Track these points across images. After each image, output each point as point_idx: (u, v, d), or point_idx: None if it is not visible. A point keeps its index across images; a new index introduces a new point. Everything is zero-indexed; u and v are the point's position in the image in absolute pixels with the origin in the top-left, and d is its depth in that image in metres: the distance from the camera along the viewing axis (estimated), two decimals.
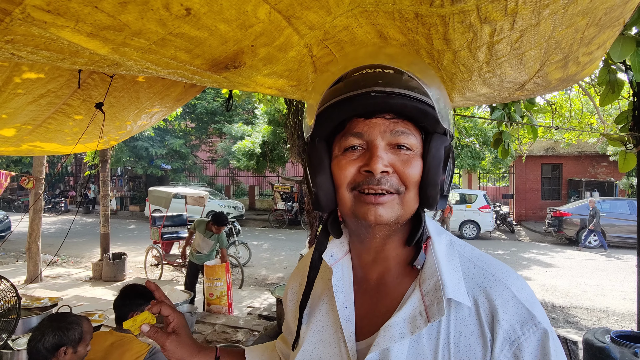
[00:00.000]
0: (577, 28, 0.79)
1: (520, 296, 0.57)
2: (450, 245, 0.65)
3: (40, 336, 1.53)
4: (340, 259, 0.70)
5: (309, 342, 0.68)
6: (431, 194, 0.60)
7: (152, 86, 3.15)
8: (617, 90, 2.48)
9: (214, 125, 19.04)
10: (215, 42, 0.90)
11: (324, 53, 0.98)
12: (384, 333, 0.58)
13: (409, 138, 0.60)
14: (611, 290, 6.90)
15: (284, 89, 1.30)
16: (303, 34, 0.89)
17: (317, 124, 0.64)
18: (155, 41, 0.87)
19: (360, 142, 0.61)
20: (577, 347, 2.90)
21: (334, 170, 0.63)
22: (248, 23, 0.84)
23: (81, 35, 0.81)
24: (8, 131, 3.42)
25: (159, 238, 7.21)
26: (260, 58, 1.00)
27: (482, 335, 0.56)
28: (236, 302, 5.40)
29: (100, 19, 0.76)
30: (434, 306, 0.57)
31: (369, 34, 0.88)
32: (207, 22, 0.82)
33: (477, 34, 0.81)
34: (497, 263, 0.63)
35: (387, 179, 0.59)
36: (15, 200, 19.37)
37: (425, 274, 0.61)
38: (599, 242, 10.82)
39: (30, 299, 3.34)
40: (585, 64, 1.03)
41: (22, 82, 2.59)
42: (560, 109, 7.47)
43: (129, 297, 2.03)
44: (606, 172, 15.75)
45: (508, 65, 0.96)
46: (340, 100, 0.59)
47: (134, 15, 0.76)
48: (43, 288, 5.92)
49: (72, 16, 0.74)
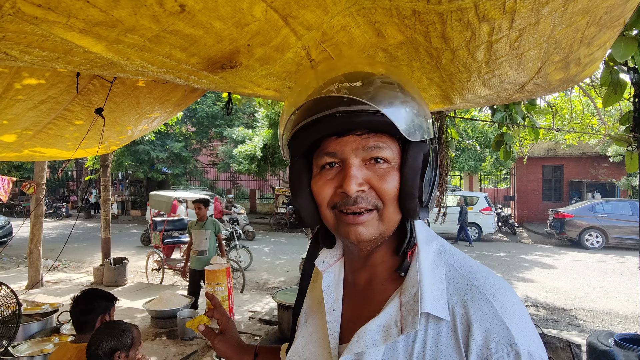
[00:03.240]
0: (578, 27, 0.79)
1: (501, 312, 0.54)
2: (438, 254, 0.63)
3: (99, 342, 1.69)
4: (332, 264, 0.72)
5: (300, 340, 0.71)
6: (409, 206, 0.60)
7: (152, 91, 3.16)
8: (619, 91, 2.47)
9: (214, 129, 19.08)
10: (211, 41, 0.90)
11: (323, 57, 0.97)
12: (358, 338, 0.58)
13: (383, 151, 0.60)
14: (614, 292, 6.86)
15: (281, 91, 1.29)
16: (300, 34, 0.89)
17: (292, 144, 0.64)
18: (150, 38, 0.86)
19: (334, 159, 0.61)
20: (580, 351, 2.88)
21: (314, 189, 0.64)
22: (244, 21, 0.83)
23: (74, 31, 0.80)
24: (9, 137, 3.43)
25: (160, 242, 7.21)
26: (257, 58, 0.99)
27: (457, 348, 0.54)
28: (237, 307, 5.37)
29: (93, 14, 0.75)
30: (409, 318, 0.56)
31: (366, 33, 0.87)
32: (202, 20, 0.81)
33: (476, 32, 0.81)
34: (486, 275, 0.60)
35: (364, 197, 0.59)
36: (16, 205, 19.39)
37: (406, 283, 0.60)
38: (468, 237, 11.48)
39: (31, 305, 3.33)
40: (586, 64, 1.02)
41: (22, 88, 2.59)
42: (561, 110, 7.46)
43: (93, 302, 2.07)
44: (607, 173, 15.72)
45: (507, 66, 0.95)
46: (308, 123, 0.60)
47: (127, 10, 0.75)
48: (44, 293, 5.91)
49: (64, 11, 0.73)
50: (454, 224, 12.41)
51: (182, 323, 3.51)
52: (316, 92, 0.61)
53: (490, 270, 0.62)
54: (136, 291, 6.05)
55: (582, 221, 11.29)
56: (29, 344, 2.49)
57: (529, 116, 3.59)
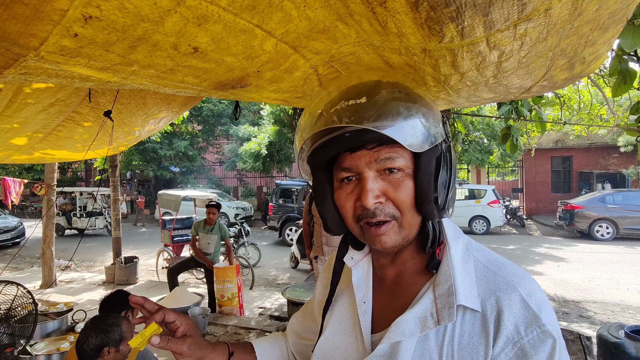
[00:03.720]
0: (582, 34, 0.79)
1: (528, 299, 0.58)
2: (466, 250, 0.67)
3: (85, 339, 1.66)
4: (360, 260, 0.76)
5: (330, 330, 0.74)
6: (427, 210, 0.62)
7: (158, 92, 3.18)
8: (629, 81, 2.44)
9: (220, 127, 19.14)
10: (222, 71, 0.94)
11: (330, 71, 0.99)
12: (395, 328, 0.62)
13: (395, 161, 0.62)
14: (625, 284, 6.80)
15: (289, 100, 1.31)
16: (309, 58, 0.92)
17: (311, 160, 0.69)
18: (164, 71, 0.91)
19: (351, 173, 0.64)
20: (591, 343, 2.87)
21: (337, 202, 0.68)
22: (254, 54, 0.86)
23: (92, 70, 0.85)
24: (20, 140, 3.49)
25: (169, 241, 7.29)
26: (266, 79, 1.03)
27: (486, 335, 0.57)
28: (247, 303, 5.43)
29: (111, 58, 0.80)
30: (445, 310, 0.60)
31: (375, 60, 0.90)
32: (214, 57, 0.85)
33: (486, 57, 0.82)
34: (511, 267, 0.64)
35: (382, 208, 0.62)
36: (28, 206, 19.66)
37: (439, 277, 0.64)
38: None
39: (46, 304, 3.40)
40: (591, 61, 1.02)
41: (32, 92, 2.63)
42: (569, 101, 7.37)
43: (115, 305, 2.12)
44: (617, 164, 15.52)
45: (515, 77, 0.96)
46: (323, 143, 0.65)
47: (144, 54, 0.80)
48: (58, 293, 6.01)
49: (85, 57, 0.78)
50: (462, 217, 12.38)
51: (194, 320, 3.55)
52: (329, 107, 0.64)
53: (513, 262, 0.66)
54: (147, 289, 6.14)
55: (592, 212, 11.17)
56: (46, 342, 2.55)
57: (535, 108, 3.55)
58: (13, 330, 2.32)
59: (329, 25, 0.75)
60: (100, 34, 0.69)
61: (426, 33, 0.72)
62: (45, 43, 0.70)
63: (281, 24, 0.74)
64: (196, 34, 0.74)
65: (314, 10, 0.70)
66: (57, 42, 0.70)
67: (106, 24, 0.66)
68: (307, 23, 0.74)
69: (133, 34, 0.71)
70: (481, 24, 0.68)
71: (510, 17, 0.65)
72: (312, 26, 0.76)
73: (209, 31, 0.74)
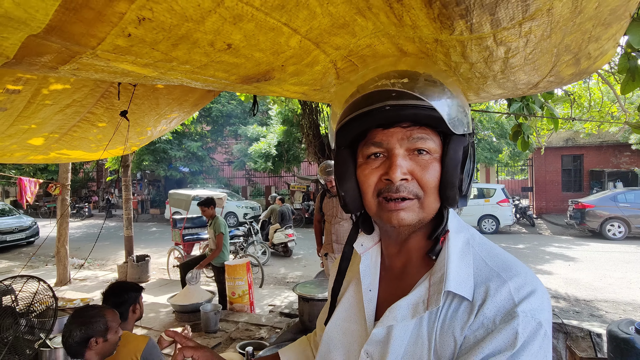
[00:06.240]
0: (585, 31, 0.83)
1: (515, 293, 0.59)
2: (466, 243, 0.68)
3: (68, 333, 1.65)
4: (369, 248, 0.78)
5: (337, 316, 0.77)
6: (450, 194, 0.64)
7: (171, 92, 3.24)
8: (638, 78, 2.43)
9: (229, 127, 19.28)
10: (250, 65, 1.01)
11: (347, 65, 1.05)
12: (389, 313, 0.65)
13: (426, 143, 0.64)
14: (637, 283, 6.72)
15: (307, 93, 1.37)
16: (329, 53, 0.99)
17: (340, 134, 0.69)
18: (199, 66, 0.98)
19: (380, 149, 0.66)
20: (601, 340, 2.86)
21: (359, 177, 0.69)
22: (280, 50, 0.94)
23: (137, 66, 0.94)
24: (37, 140, 3.58)
25: (180, 240, 7.39)
26: (289, 73, 1.10)
27: (466, 321, 0.59)
28: (257, 301, 5.49)
29: (155, 55, 0.88)
30: (434, 296, 0.62)
31: (389, 49, 0.96)
32: (245, 52, 0.93)
33: (494, 52, 0.87)
34: (507, 261, 0.64)
35: (406, 186, 0.63)
36: (41, 206, 20.02)
37: (436, 267, 0.66)
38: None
39: (63, 300, 3.49)
40: (597, 57, 1.05)
41: (49, 93, 2.70)
42: (579, 98, 7.31)
43: (123, 294, 2.15)
44: (629, 162, 15.30)
45: (522, 73, 1.01)
46: (358, 115, 0.65)
47: (183, 51, 0.87)
48: (72, 290, 6.14)
49: (133, 55, 0.86)
50: (472, 216, 12.31)
51: (205, 316, 3.62)
52: (368, 85, 0.66)
53: (514, 257, 0.66)
54: (159, 287, 6.24)
55: (604, 211, 11.03)
56: None
57: (546, 105, 3.54)
58: (32, 324, 2.40)
59: (349, 19, 0.81)
60: (149, 33, 0.76)
61: (438, 26, 0.77)
62: (102, 43, 0.78)
63: (306, 22, 0.80)
64: (231, 31, 0.81)
65: (336, 6, 0.76)
66: (112, 41, 0.78)
67: (156, 24, 0.74)
68: (329, 19, 0.80)
69: (177, 33, 0.78)
70: (488, 22, 0.72)
71: (515, 17, 0.69)
72: (334, 22, 0.82)
73: (242, 29, 0.81)
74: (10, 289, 2.35)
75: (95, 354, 1.66)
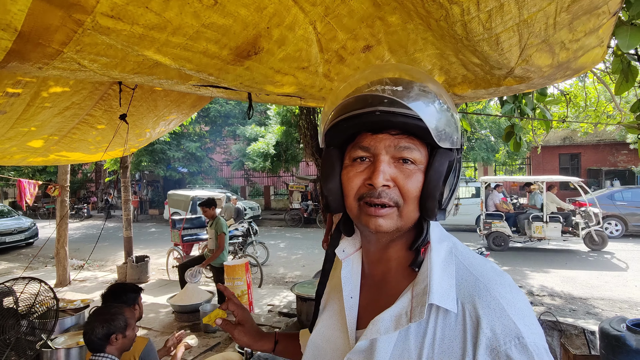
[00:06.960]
0: (547, 13, 0.88)
1: (508, 308, 0.59)
2: (449, 253, 0.68)
3: (91, 330, 1.75)
4: (351, 254, 0.78)
5: (321, 324, 0.78)
6: (429, 206, 0.64)
7: (169, 94, 3.27)
8: (631, 79, 2.46)
9: (227, 127, 19.29)
10: (238, 28, 1.09)
11: (327, 29, 1.12)
12: (372, 326, 0.64)
13: (412, 153, 0.64)
14: (634, 281, 6.78)
15: (298, 77, 1.41)
16: (307, 11, 1.07)
17: (329, 134, 0.70)
18: (191, 35, 1.06)
19: (367, 154, 0.66)
20: (595, 337, 2.91)
21: (343, 179, 0.69)
22: (262, 5, 1.04)
23: (134, 37, 1.01)
24: (36, 142, 3.60)
25: (179, 240, 7.41)
26: (275, 40, 1.18)
27: (464, 340, 0.58)
28: (256, 301, 5.52)
29: (150, 18, 0.95)
30: (418, 308, 0.62)
31: (363, 4, 1.05)
32: (231, 9, 1.01)
33: (449, 11, 0.94)
34: (493, 273, 0.65)
35: (387, 192, 0.64)
36: (40, 207, 19.99)
37: (418, 278, 0.66)
38: None
39: (63, 301, 3.52)
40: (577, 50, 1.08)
41: (49, 96, 2.73)
42: (575, 98, 7.35)
43: (122, 295, 2.21)
44: (627, 160, 15.36)
45: (486, 45, 1.05)
46: (349, 117, 0.65)
47: (175, 10, 0.95)
48: (72, 291, 6.16)
49: (129, 19, 0.93)
50: (469, 215, 12.33)
51: (204, 316, 3.65)
52: (362, 88, 0.67)
53: (497, 267, 0.67)
54: (159, 287, 6.26)
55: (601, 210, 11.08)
56: (65, 337, 2.65)
57: (539, 107, 3.59)
58: (34, 325, 2.43)
59: None
60: None
61: None
62: (99, 3, 0.86)
63: None
64: None
65: None
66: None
67: None
68: None
69: None
70: None
71: None
72: None
73: None
74: (11, 290, 2.38)
75: (116, 349, 1.77)
